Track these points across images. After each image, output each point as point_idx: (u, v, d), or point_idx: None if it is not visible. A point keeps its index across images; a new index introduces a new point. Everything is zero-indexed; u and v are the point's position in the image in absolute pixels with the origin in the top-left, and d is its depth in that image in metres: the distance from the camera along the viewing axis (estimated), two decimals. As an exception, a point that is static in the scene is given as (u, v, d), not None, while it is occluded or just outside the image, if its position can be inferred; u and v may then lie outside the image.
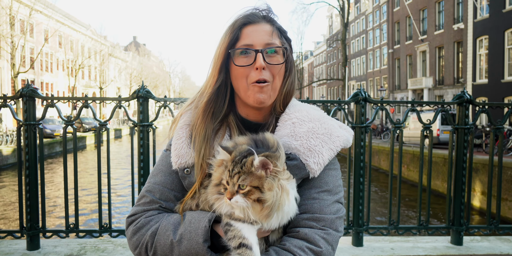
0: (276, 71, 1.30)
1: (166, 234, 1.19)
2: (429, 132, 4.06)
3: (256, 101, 1.29)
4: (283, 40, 1.35)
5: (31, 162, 3.71)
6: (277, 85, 1.33)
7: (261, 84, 1.28)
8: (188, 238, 1.16)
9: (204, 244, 1.15)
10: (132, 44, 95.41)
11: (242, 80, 1.30)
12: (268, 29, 1.31)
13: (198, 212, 1.22)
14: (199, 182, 1.25)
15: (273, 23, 1.34)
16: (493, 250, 4.02)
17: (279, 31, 1.34)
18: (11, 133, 24.43)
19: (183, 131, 1.35)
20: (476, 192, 14.00)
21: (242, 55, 1.29)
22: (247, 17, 1.31)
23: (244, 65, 1.28)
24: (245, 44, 1.29)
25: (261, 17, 1.33)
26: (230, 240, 1.11)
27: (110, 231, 3.85)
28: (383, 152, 22.90)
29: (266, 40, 1.29)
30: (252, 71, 1.28)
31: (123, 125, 51.49)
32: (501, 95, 24.98)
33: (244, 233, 1.10)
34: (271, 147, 1.16)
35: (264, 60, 1.27)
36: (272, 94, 1.32)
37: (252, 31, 1.30)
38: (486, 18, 26.99)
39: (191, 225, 1.18)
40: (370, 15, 52.61)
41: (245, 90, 1.31)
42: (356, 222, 3.99)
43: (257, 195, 1.09)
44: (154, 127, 3.80)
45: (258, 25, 1.31)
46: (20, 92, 3.65)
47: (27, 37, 34.74)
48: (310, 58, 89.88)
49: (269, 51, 1.29)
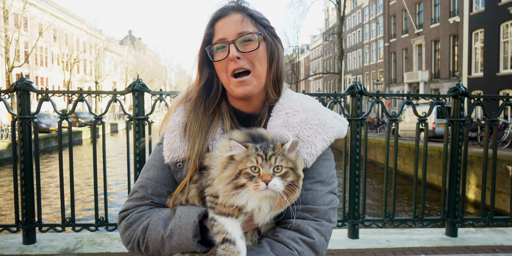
0: (253, 58, 1.29)
1: (156, 229, 1.20)
2: (424, 125, 4.08)
3: (241, 94, 1.29)
4: (259, 26, 1.33)
5: (26, 156, 3.69)
6: (260, 72, 1.31)
7: (241, 78, 1.28)
8: (178, 233, 1.17)
9: (194, 239, 1.15)
10: (128, 38, 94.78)
11: (223, 74, 1.31)
12: (238, 19, 1.30)
13: (188, 207, 1.22)
14: (189, 176, 1.25)
15: (244, 10, 1.32)
16: (487, 241, 4.05)
17: (252, 18, 1.33)
18: (6, 127, 24.30)
19: (176, 125, 1.35)
20: (471, 185, 14.09)
21: (219, 50, 1.30)
22: (217, 12, 1.32)
23: (220, 59, 1.29)
24: (218, 39, 1.29)
25: (231, 8, 1.32)
26: (215, 235, 1.12)
27: (107, 225, 3.86)
28: (379, 146, 22.96)
29: (237, 30, 1.28)
30: (229, 63, 1.29)
31: (119, 119, 51.32)
32: (496, 88, 25.04)
33: (227, 228, 1.11)
34: (270, 141, 1.16)
35: (238, 50, 1.27)
36: (257, 83, 1.31)
37: (223, 25, 1.30)
38: (482, 12, 26.98)
39: (181, 220, 1.18)
40: (366, 8, 52.49)
41: (227, 84, 1.32)
42: (352, 215, 4.01)
43: (292, 177, 1.10)
44: (150, 120, 3.80)
45: (228, 17, 1.30)
46: (14, 85, 3.63)
47: (21, 31, 34.46)
48: (307, 52, 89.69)
49: (242, 41, 1.29)
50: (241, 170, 1.09)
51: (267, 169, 1.08)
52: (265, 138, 1.17)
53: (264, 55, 1.33)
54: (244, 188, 1.08)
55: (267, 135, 1.18)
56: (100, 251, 3.68)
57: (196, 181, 1.24)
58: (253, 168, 1.09)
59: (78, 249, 3.70)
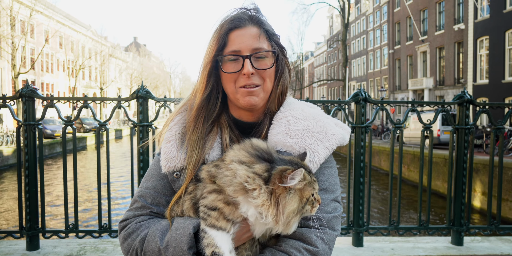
0: (266, 75, 1.29)
1: (154, 240, 1.20)
2: (429, 132, 4.05)
3: (247, 104, 1.29)
4: (272, 42, 1.32)
5: (30, 162, 3.70)
6: (269, 87, 1.32)
7: (251, 89, 1.28)
8: (173, 245, 1.16)
9: (189, 251, 1.15)
10: (133, 44, 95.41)
11: (231, 85, 1.30)
12: (255, 33, 1.28)
13: (184, 219, 1.21)
14: (185, 186, 1.25)
15: (261, 25, 1.31)
16: (493, 250, 4.00)
17: (267, 33, 1.32)
18: (11, 133, 24.44)
19: (173, 135, 1.35)
20: (476, 193, 13.98)
21: (231, 61, 1.28)
22: (233, 22, 1.29)
23: (232, 71, 1.28)
24: (232, 51, 1.27)
25: (248, 19, 1.30)
26: (205, 248, 1.12)
27: (110, 232, 3.84)
28: (383, 153, 22.88)
29: (253, 45, 1.27)
30: (240, 76, 1.27)
31: (123, 125, 51.50)
32: (501, 96, 24.95)
33: (217, 241, 1.11)
34: (273, 153, 1.16)
35: (252, 65, 1.26)
36: (263, 96, 1.31)
37: (239, 36, 1.27)
38: (487, 19, 26.97)
39: (176, 232, 1.18)
40: (371, 15, 52.60)
41: (233, 93, 1.31)
42: (356, 222, 3.98)
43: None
44: (154, 127, 3.80)
45: (244, 29, 1.28)
46: (19, 92, 3.65)
47: (28, 37, 34.79)
48: (311, 59, 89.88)
49: (258, 57, 1.28)
50: (307, 199, 1.10)
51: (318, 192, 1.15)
52: (269, 151, 1.16)
53: (273, 72, 1.33)
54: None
55: (269, 148, 1.17)
56: (103, 258, 3.66)
57: (190, 192, 1.23)
58: (313, 194, 1.11)
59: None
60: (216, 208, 1.12)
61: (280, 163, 1.10)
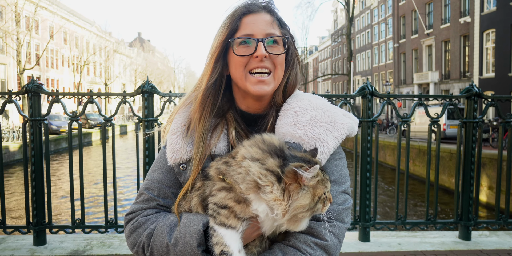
0: (277, 61, 1.28)
1: (161, 236, 1.19)
2: (436, 126, 4.02)
3: (256, 92, 1.26)
4: (284, 30, 1.32)
5: (36, 157, 3.71)
6: (280, 75, 1.30)
7: (261, 77, 1.26)
8: (182, 242, 1.15)
9: (198, 248, 1.13)
10: (137, 40, 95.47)
11: (240, 69, 1.27)
12: (268, 19, 1.28)
13: (194, 215, 1.19)
14: (191, 179, 1.22)
15: (273, 13, 1.31)
16: (502, 245, 3.98)
17: (279, 22, 1.32)
18: (17, 129, 24.57)
19: (178, 127, 1.33)
20: (483, 187, 13.91)
21: (242, 44, 1.26)
22: (247, 7, 1.28)
23: (244, 54, 1.25)
24: (245, 34, 1.26)
25: (261, 6, 1.30)
26: (214, 246, 1.10)
27: (116, 227, 3.85)
28: (388, 147, 22.80)
29: (266, 30, 1.26)
30: (252, 59, 1.25)
31: (128, 121, 51.65)
32: (508, 89, 24.73)
33: (226, 240, 1.09)
34: (285, 149, 1.13)
35: (266, 49, 1.24)
36: (274, 85, 1.29)
37: (252, 21, 1.27)
38: (493, 11, 26.69)
39: (186, 229, 1.16)
40: (376, 9, 52.23)
41: (242, 79, 1.28)
42: (363, 217, 3.96)
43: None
44: (159, 122, 3.79)
45: (258, 15, 1.28)
46: (25, 87, 3.65)
47: (33, 33, 34.80)
48: (315, 53, 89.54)
49: (270, 42, 1.26)
50: (319, 197, 1.08)
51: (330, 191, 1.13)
52: (281, 147, 1.13)
53: (284, 60, 1.32)
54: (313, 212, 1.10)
55: (281, 145, 1.14)
56: (109, 253, 3.67)
57: (198, 188, 1.21)
58: (325, 192, 1.09)
59: (88, 251, 3.70)
60: (226, 206, 1.10)
61: (292, 160, 1.07)
